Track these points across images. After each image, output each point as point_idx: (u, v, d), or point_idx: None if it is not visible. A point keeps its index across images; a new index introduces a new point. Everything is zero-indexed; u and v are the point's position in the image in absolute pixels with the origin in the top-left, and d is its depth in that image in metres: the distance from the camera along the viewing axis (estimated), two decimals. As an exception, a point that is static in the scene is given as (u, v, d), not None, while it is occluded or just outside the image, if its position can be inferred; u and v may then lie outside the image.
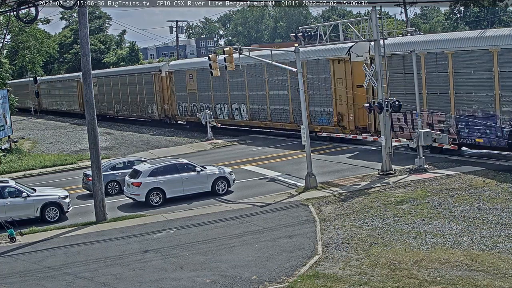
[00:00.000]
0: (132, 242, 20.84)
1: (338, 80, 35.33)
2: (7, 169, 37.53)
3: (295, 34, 28.75)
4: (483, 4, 64.59)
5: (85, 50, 24.04)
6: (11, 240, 22.20)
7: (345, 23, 31.27)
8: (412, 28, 42.33)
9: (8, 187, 24.88)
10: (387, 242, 18.18)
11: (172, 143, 44.61)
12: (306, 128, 26.73)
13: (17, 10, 24.58)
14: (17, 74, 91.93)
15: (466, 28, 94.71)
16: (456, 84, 28.53)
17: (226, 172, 27.46)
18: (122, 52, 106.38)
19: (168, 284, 16.60)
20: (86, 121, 24.47)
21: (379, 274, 15.70)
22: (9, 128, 44.82)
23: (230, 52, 28.21)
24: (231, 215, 23.01)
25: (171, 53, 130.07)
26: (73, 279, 17.58)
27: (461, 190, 23.12)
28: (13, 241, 22.14)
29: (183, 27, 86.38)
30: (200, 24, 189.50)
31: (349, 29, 32.08)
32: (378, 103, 26.54)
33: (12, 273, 18.60)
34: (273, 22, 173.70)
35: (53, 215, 24.93)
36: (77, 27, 60.91)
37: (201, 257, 18.51)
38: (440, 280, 15.03)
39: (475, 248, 17.02)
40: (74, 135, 54.89)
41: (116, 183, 28.95)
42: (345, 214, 21.75)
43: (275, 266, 17.13)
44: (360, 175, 27.67)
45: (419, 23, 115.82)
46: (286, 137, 41.68)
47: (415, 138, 27.07)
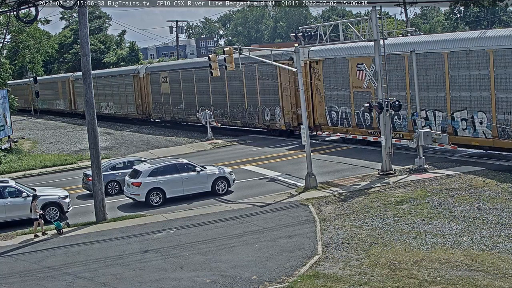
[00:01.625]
0: (132, 242, 20.85)
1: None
2: (7, 169, 37.54)
3: (295, 34, 28.73)
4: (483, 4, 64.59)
5: (85, 50, 24.04)
6: (59, 232, 22.63)
7: (345, 23, 31.27)
8: (412, 28, 42.32)
9: (8, 187, 24.89)
10: (387, 242, 18.19)
11: (172, 143, 44.62)
12: (306, 128, 26.72)
13: (17, 10, 24.57)
14: (17, 74, 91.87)
15: (466, 28, 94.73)
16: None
17: (226, 172, 27.46)
18: (122, 52, 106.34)
19: (168, 284, 16.60)
20: (86, 121, 24.48)
21: (379, 274, 15.71)
22: (9, 128, 44.84)
23: (230, 52, 28.22)
24: (231, 215, 23.01)
25: (171, 53, 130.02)
26: (73, 279, 17.59)
27: (461, 190, 23.12)
28: (61, 233, 22.57)
29: (183, 27, 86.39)
30: (200, 24, 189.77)
31: (349, 29, 32.07)
32: (378, 103, 26.53)
33: (12, 273, 18.60)
34: (273, 22, 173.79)
35: (53, 215, 24.93)
36: (77, 27, 61.89)
37: (201, 257, 18.51)
38: (440, 280, 15.03)
39: (475, 248, 17.02)
40: (74, 135, 54.90)
41: (116, 183, 28.95)
42: (345, 214, 21.75)
43: (275, 266, 17.14)
44: (360, 175, 27.67)
45: (419, 23, 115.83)
46: (287, 137, 41.68)
47: (415, 138, 27.06)
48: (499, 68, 26.63)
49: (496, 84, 26.83)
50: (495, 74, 26.76)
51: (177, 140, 46.33)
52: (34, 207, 22.72)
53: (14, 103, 57.76)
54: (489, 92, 27.12)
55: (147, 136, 50.59)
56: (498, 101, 26.88)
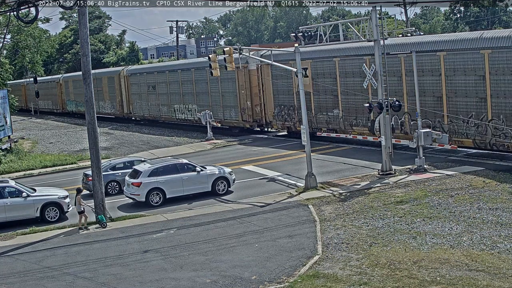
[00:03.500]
0: (132, 242, 20.85)
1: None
2: (7, 169, 37.54)
3: (295, 34, 28.75)
4: (483, 4, 64.62)
5: (85, 50, 24.04)
6: (102, 226, 22.94)
7: (345, 23, 31.28)
8: (412, 28, 42.29)
9: (8, 187, 24.89)
10: (387, 242, 18.19)
11: (172, 143, 44.63)
12: (306, 128, 26.72)
13: (17, 10, 24.57)
14: (17, 74, 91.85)
15: (466, 29, 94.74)
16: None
17: (226, 172, 27.47)
18: (122, 52, 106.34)
19: (168, 284, 16.60)
20: (86, 121, 24.48)
21: (379, 274, 15.71)
22: (9, 128, 44.84)
23: (230, 52, 28.25)
24: (231, 215, 23.01)
25: (171, 53, 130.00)
26: (73, 279, 17.58)
27: (461, 190, 23.12)
28: (104, 227, 22.87)
29: (183, 27, 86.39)
30: (200, 24, 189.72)
31: (349, 29, 32.09)
32: (378, 103, 26.54)
33: (12, 273, 18.60)
34: (273, 22, 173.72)
35: (53, 215, 24.93)
36: (77, 27, 62.15)
37: (201, 257, 18.51)
38: (440, 280, 15.03)
39: (475, 248, 17.02)
40: (74, 135, 54.88)
41: (116, 183, 28.96)
42: (345, 214, 21.76)
43: (275, 266, 17.14)
44: (360, 175, 27.67)
45: (419, 23, 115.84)
46: (287, 137, 41.69)
47: (415, 138, 27.06)
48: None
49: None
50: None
51: (177, 140, 46.33)
52: (79, 200, 23.18)
53: (14, 103, 57.71)
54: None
55: (147, 136, 50.58)
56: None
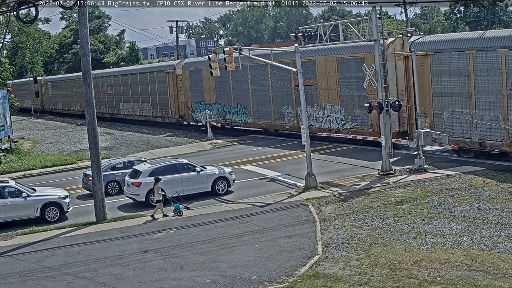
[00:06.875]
0: (132, 242, 20.84)
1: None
2: (7, 169, 37.53)
3: (295, 34, 28.74)
4: (483, 4, 64.62)
5: (85, 50, 24.04)
6: (177, 214, 23.52)
7: (345, 23, 31.27)
8: (412, 28, 42.28)
9: (8, 187, 24.88)
10: (387, 242, 18.18)
11: (172, 143, 44.63)
12: (306, 128, 26.72)
13: (17, 10, 24.58)
14: (17, 74, 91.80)
15: (466, 29, 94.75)
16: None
17: (226, 172, 27.47)
18: (122, 52, 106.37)
19: (168, 284, 16.60)
20: (86, 121, 24.47)
21: (379, 274, 15.70)
22: (9, 128, 44.82)
23: (230, 52, 28.22)
24: (231, 215, 23.01)
25: (171, 53, 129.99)
26: (73, 279, 17.58)
27: (461, 190, 23.12)
28: (180, 215, 23.48)
29: (183, 27, 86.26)
30: (200, 24, 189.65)
31: (349, 29, 32.09)
32: (378, 103, 26.54)
33: (12, 273, 18.59)
34: (273, 22, 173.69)
35: (53, 215, 24.93)
36: (77, 27, 62.57)
37: (201, 257, 18.51)
38: (440, 280, 15.03)
39: (475, 248, 17.02)
40: (74, 135, 54.90)
41: (116, 183, 28.95)
42: (345, 214, 21.76)
43: (275, 266, 17.14)
44: (360, 175, 27.67)
45: (419, 23, 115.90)
46: (287, 136, 41.70)
47: (415, 138, 27.06)
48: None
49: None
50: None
51: (177, 140, 46.33)
52: (157, 189, 23.69)
53: (14, 103, 57.67)
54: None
55: (147, 136, 50.60)
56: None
